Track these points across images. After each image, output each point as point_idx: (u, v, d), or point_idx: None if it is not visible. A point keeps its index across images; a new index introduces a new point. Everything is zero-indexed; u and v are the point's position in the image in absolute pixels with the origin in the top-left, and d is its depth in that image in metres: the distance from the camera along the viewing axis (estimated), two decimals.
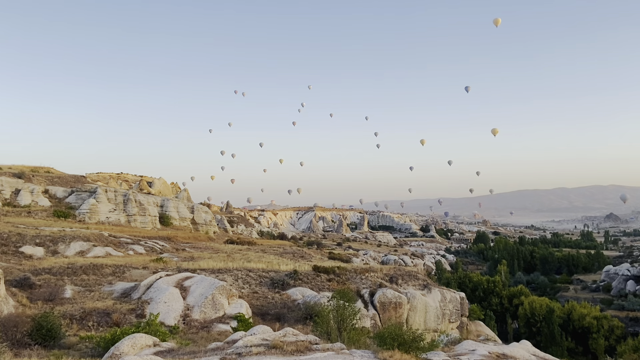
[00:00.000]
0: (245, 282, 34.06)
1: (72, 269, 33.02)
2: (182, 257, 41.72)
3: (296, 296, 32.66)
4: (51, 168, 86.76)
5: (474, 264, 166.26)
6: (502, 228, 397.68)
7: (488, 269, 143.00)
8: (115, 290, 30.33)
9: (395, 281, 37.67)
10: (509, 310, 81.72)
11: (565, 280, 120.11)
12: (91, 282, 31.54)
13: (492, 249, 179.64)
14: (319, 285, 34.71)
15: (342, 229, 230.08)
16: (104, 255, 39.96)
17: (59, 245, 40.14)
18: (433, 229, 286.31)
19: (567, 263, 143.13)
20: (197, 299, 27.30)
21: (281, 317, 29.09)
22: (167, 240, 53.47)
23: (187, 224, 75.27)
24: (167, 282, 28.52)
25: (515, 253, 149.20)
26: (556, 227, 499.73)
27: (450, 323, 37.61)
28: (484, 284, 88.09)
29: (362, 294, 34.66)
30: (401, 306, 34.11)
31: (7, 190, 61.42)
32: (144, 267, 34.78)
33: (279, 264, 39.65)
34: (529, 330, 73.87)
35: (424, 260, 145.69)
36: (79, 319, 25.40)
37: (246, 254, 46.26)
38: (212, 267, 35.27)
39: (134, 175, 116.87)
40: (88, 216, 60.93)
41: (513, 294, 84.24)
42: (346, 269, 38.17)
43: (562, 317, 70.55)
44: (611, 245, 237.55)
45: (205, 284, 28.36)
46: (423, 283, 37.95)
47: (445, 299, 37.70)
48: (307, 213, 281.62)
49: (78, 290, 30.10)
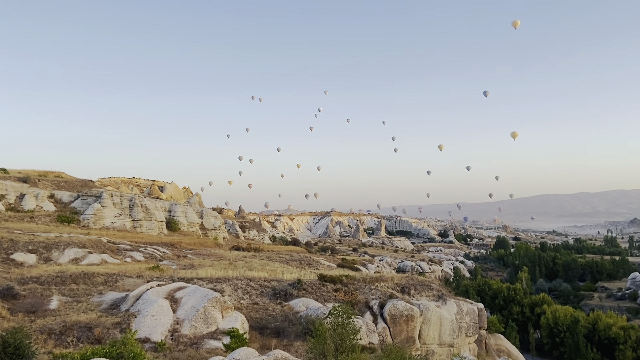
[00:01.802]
0: (245, 292, 31.78)
1: (61, 277, 31.07)
2: (182, 265, 39.60)
3: (299, 308, 30.28)
4: (62, 172, 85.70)
5: (494, 270, 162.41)
6: (523, 233, 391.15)
7: (508, 275, 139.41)
8: (105, 301, 28.26)
9: (408, 291, 35.05)
10: (530, 320, 78.48)
11: (589, 287, 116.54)
12: (80, 292, 29.53)
13: (513, 254, 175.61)
14: (324, 296, 32.27)
15: (359, 234, 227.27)
16: (99, 262, 38.01)
17: (52, 252, 38.31)
18: (452, 234, 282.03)
19: (590, 270, 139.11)
20: (188, 312, 25.09)
21: (281, 332, 26.78)
22: (170, 246, 51.46)
23: (196, 229, 73.36)
24: (157, 293, 26.35)
25: (536, 259, 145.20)
26: (578, 233, 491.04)
27: (468, 337, 34.84)
28: (504, 292, 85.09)
29: (371, 306, 32.19)
30: (413, 319, 31.54)
31: (12, 194, 60.06)
32: (139, 275, 32.69)
33: (283, 272, 37.25)
34: (552, 341, 70.91)
35: (442, 267, 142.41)
36: (58, 334, 23.34)
37: (250, 262, 43.94)
38: (211, 275, 33.04)
39: (146, 180, 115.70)
40: (92, 221, 59.28)
41: (535, 303, 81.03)
42: (354, 278, 35.63)
43: (586, 327, 67.63)
44: (636, 251, 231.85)
45: (198, 295, 26.16)
46: (437, 293, 35.25)
47: (462, 310, 34.96)
48: (324, 218, 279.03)
49: (65, 301, 28.10)
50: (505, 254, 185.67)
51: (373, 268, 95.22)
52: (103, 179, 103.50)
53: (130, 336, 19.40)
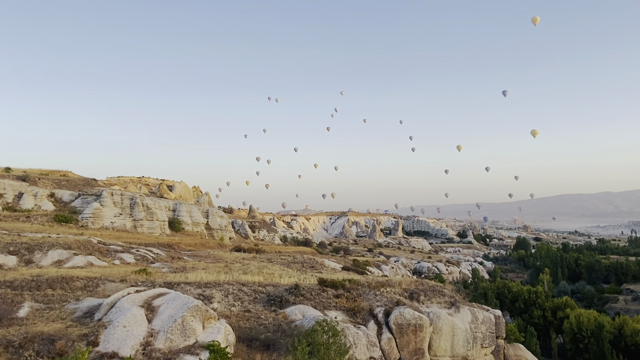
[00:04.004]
0: (237, 298, 28.96)
1: (37, 282, 28.60)
2: (174, 268, 36.87)
3: (295, 316, 27.37)
4: (68, 171, 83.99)
5: (514, 272, 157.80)
6: (544, 234, 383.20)
7: (529, 277, 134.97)
8: (80, 309, 25.67)
9: (417, 298, 31.89)
10: (552, 324, 74.55)
11: (613, 290, 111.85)
12: (55, 298, 27.01)
13: (534, 255, 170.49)
14: (324, 303, 29.29)
15: (376, 235, 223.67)
16: (84, 265, 35.49)
17: (35, 253, 35.90)
18: (471, 234, 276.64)
19: (615, 271, 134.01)
20: (164, 322, 22.32)
21: (271, 345, 23.89)
22: (167, 247, 48.86)
23: (201, 229, 70.80)
24: (132, 301, 23.64)
25: (558, 260, 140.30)
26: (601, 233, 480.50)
27: (484, 348, 31.60)
28: (524, 295, 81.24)
29: (376, 314, 29.16)
30: (422, 329, 28.43)
31: (10, 193, 58.08)
32: (122, 279, 30.07)
33: (281, 276, 34.29)
34: (575, 347, 67.06)
35: (460, 268, 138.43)
36: (16, 347, 20.68)
37: (248, 264, 41.06)
38: (200, 280, 30.26)
39: (155, 179, 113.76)
40: (91, 221, 56.97)
41: (557, 306, 77.00)
42: (358, 283, 32.54)
43: (612, 333, 63.74)
44: None
45: (177, 303, 23.38)
46: (450, 300, 32.02)
47: (477, 319, 31.72)
48: (340, 218, 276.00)
49: (37, 308, 25.59)
50: (526, 255, 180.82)
51: (387, 269, 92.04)
52: (112, 178, 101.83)
53: (84, 351, 16.76)
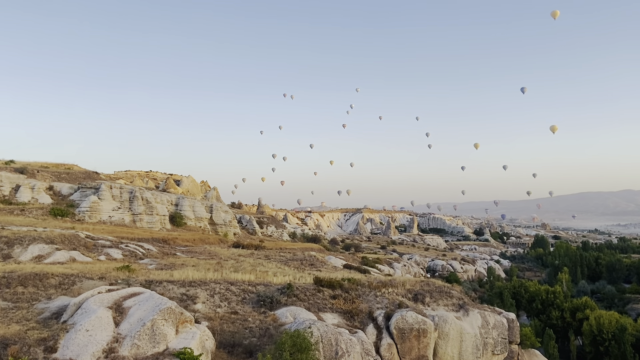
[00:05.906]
0: (223, 298, 26.58)
1: (8, 278, 26.49)
2: (162, 265, 34.66)
3: (286, 319, 24.90)
4: (74, 165, 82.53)
5: (531, 271, 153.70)
6: (563, 232, 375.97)
7: (547, 276, 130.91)
8: (49, 309, 23.49)
9: (421, 299, 29.20)
10: (571, 326, 71.15)
11: (635, 290, 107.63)
12: (26, 297, 24.92)
13: (552, 254, 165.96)
14: (318, 304, 26.78)
15: (390, 232, 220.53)
16: (65, 260, 33.44)
17: (14, 248, 33.95)
18: (487, 232, 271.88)
19: (637, 271, 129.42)
20: (133, 326, 19.99)
21: (255, 351, 21.47)
22: (162, 242, 46.76)
23: (204, 224, 68.68)
24: (100, 302, 21.36)
25: (578, 259, 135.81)
26: (622, 232, 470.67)
27: (495, 355, 28.84)
28: (542, 295, 77.85)
29: (375, 317, 26.58)
30: (426, 334, 25.79)
31: (7, 186, 56.50)
32: (101, 277, 27.84)
33: (275, 274, 31.85)
34: (595, 350, 63.73)
35: (475, 266, 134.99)
36: None
37: (242, 261, 38.69)
38: (185, 278, 27.92)
39: (163, 174, 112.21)
40: (88, 215, 55.12)
41: (576, 307, 73.55)
42: (358, 283, 29.92)
43: (634, 335, 60.38)
44: None
45: (149, 304, 21.06)
46: (458, 302, 29.28)
47: (488, 323, 28.96)
48: (355, 215, 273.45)
49: (3, 307, 23.51)
50: (544, 254, 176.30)
51: (399, 267, 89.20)
52: (119, 172, 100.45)
53: None
